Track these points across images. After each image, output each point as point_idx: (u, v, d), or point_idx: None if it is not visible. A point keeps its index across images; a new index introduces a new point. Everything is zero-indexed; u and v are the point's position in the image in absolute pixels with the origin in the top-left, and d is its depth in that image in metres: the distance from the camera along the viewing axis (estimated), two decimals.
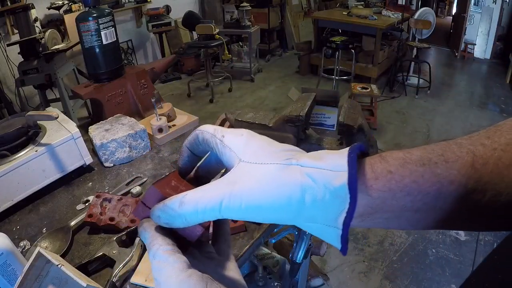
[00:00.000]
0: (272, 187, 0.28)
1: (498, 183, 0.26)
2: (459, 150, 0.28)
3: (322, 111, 1.07)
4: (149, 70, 1.45)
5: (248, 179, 0.29)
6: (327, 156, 0.28)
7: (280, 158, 0.29)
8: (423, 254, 2.14)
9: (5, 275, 0.60)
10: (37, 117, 0.94)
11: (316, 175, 0.27)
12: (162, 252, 0.30)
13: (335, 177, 0.26)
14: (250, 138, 0.33)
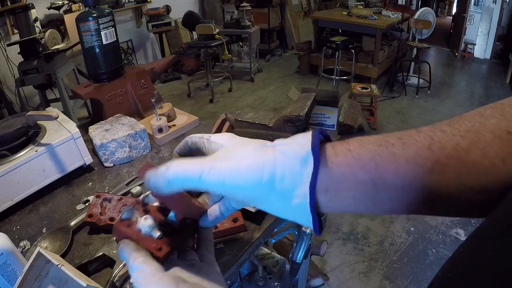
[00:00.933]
0: (248, 163, 0.31)
1: (457, 165, 0.27)
2: (418, 135, 0.29)
3: (322, 111, 1.07)
4: (149, 70, 1.45)
5: (228, 157, 0.33)
6: (296, 136, 0.32)
7: (257, 143, 0.34)
8: (423, 254, 2.14)
9: (5, 275, 0.60)
10: (37, 117, 0.94)
11: (287, 150, 0.31)
12: (136, 263, 0.34)
13: (302, 149, 0.30)
14: (233, 136, 0.37)
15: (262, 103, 4.37)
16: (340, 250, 2.19)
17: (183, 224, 0.42)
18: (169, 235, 0.40)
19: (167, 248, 0.38)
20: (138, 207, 0.43)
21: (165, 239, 0.39)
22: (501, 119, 0.29)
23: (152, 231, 0.40)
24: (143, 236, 0.39)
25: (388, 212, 0.31)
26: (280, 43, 6.17)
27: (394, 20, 4.63)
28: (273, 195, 0.31)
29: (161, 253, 0.37)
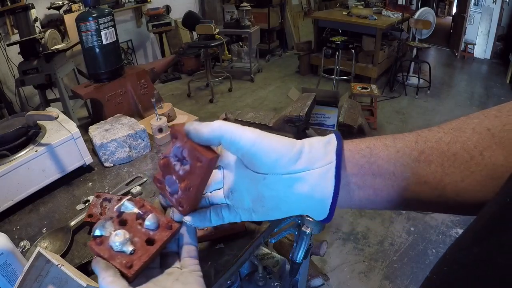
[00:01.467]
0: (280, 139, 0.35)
1: (440, 156, 0.32)
2: (408, 134, 0.35)
3: (322, 111, 1.07)
4: (149, 70, 1.45)
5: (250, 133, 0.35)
6: None
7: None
8: (423, 254, 2.14)
9: (5, 275, 0.60)
10: (37, 117, 0.94)
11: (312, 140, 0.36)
12: (104, 284, 0.36)
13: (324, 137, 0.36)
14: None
15: (262, 103, 4.37)
16: (340, 250, 2.19)
17: (163, 231, 0.41)
18: (144, 246, 0.40)
19: (140, 263, 0.38)
20: (113, 219, 0.42)
21: (139, 252, 0.39)
22: (483, 119, 0.32)
23: (124, 247, 0.39)
24: (114, 253, 0.39)
25: (385, 201, 0.35)
26: (280, 43, 6.17)
27: (394, 20, 4.63)
28: (299, 163, 0.34)
29: (131, 271, 0.37)
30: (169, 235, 0.41)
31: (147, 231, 0.41)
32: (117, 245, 0.39)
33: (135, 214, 0.43)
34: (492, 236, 0.21)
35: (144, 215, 0.42)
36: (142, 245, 0.40)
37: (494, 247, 0.21)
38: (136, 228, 0.41)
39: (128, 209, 0.43)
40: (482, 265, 0.21)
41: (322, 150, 0.34)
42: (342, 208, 0.36)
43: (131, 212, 0.43)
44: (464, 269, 0.22)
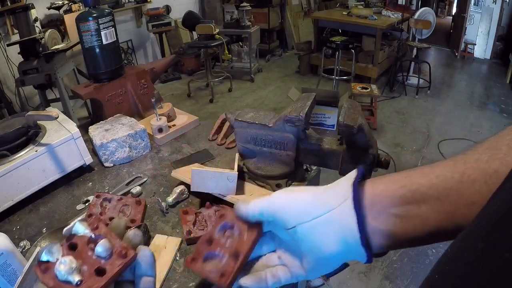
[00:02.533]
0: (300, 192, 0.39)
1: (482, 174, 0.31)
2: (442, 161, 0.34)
3: (322, 111, 1.07)
4: (149, 70, 1.45)
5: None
6: None
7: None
8: (423, 254, 2.14)
9: (5, 275, 0.60)
10: (37, 117, 0.94)
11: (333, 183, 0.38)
12: None
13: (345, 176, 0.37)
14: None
15: (262, 103, 4.37)
16: None
17: (116, 259, 0.37)
18: (93, 277, 0.36)
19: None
20: (62, 243, 0.38)
21: (86, 283, 0.36)
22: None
23: (70, 276, 0.36)
24: (59, 283, 0.36)
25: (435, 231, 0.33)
26: (280, 43, 6.17)
27: (394, 20, 4.63)
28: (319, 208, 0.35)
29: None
30: (122, 265, 0.37)
31: (98, 259, 0.37)
32: (62, 274, 0.35)
33: (87, 238, 0.39)
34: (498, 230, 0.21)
35: (97, 239, 0.39)
36: (91, 275, 0.36)
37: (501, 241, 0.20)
38: (86, 254, 0.38)
39: (80, 232, 0.39)
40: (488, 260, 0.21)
41: (339, 188, 0.35)
42: (393, 249, 0.35)
43: (82, 235, 0.39)
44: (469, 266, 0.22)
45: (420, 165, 0.34)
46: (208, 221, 0.77)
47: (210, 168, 0.83)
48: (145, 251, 0.39)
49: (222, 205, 0.81)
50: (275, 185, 0.85)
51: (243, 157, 0.92)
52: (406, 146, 3.33)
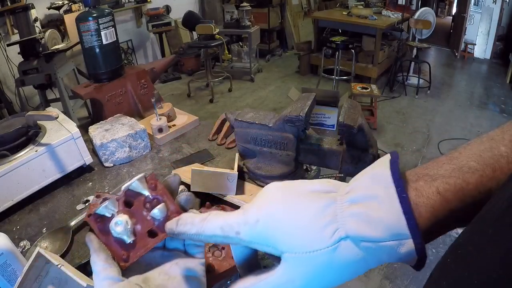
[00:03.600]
0: (333, 274, 0.27)
1: None
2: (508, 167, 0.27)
3: (322, 111, 1.07)
4: (149, 70, 1.45)
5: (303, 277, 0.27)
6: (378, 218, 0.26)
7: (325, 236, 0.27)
8: None
9: (5, 275, 0.60)
10: (37, 117, 0.94)
11: (377, 250, 0.26)
12: (96, 269, 0.34)
13: (399, 246, 0.25)
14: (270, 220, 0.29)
15: (262, 103, 4.37)
16: None
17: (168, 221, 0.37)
18: (145, 238, 0.37)
19: (135, 257, 0.36)
20: (118, 198, 0.38)
21: (138, 244, 0.36)
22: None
23: (124, 236, 0.36)
24: (112, 239, 0.36)
25: None
26: (280, 43, 6.17)
27: (394, 20, 4.63)
28: None
29: (125, 265, 0.35)
30: None
31: (152, 220, 0.37)
32: (117, 233, 0.36)
33: (144, 197, 0.38)
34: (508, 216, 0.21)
35: (153, 201, 0.38)
36: (143, 236, 0.37)
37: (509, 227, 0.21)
38: (141, 213, 0.38)
39: (137, 189, 0.38)
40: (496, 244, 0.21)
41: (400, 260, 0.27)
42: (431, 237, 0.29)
43: (139, 193, 0.38)
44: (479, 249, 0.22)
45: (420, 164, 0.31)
46: None
47: (210, 168, 0.83)
48: None
49: (222, 205, 0.81)
50: None
51: (243, 157, 0.92)
52: (406, 146, 3.33)
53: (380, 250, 0.26)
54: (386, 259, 0.26)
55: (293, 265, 0.27)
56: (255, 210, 0.29)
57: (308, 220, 0.27)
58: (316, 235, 0.27)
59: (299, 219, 0.28)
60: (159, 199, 0.38)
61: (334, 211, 0.27)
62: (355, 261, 0.26)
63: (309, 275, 0.27)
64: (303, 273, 0.27)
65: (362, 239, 0.26)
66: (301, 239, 0.27)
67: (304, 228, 0.27)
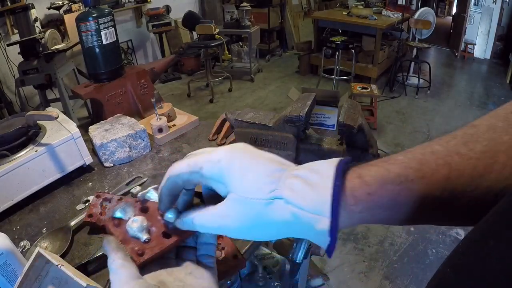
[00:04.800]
0: (261, 225, 0.32)
1: (473, 192, 0.29)
2: (436, 162, 0.30)
3: (322, 111, 1.07)
4: (149, 70, 1.45)
5: (237, 216, 0.33)
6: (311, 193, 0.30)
7: (265, 190, 0.32)
8: (423, 254, 2.14)
9: (5, 275, 0.60)
10: (37, 117, 0.94)
11: (301, 216, 0.30)
12: (114, 266, 0.35)
13: (317, 221, 0.29)
14: (229, 163, 0.34)
15: (262, 103, 4.37)
16: (340, 250, 2.19)
17: None
18: (160, 238, 0.39)
19: (151, 253, 0.37)
20: (135, 205, 0.42)
21: (153, 242, 0.38)
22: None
23: (139, 233, 0.38)
24: (129, 237, 0.38)
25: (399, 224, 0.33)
26: (280, 43, 6.17)
27: (394, 20, 4.63)
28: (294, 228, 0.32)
29: (140, 259, 0.37)
30: (187, 233, 0.40)
31: (166, 224, 0.40)
32: (133, 230, 0.38)
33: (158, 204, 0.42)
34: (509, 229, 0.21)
35: None
36: (158, 236, 0.39)
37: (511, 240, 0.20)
38: (156, 218, 0.40)
39: (152, 198, 0.42)
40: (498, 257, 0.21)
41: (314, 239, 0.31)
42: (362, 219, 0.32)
43: (154, 201, 0.42)
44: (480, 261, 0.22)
45: None
46: None
47: None
48: None
49: None
50: None
51: None
52: (406, 146, 3.33)
53: (302, 220, 0.30)
54: (306, 231, 0.30)
55: (233, 204, 0.33)
56: (219, 152, 0.35)
57: (257, 174, 0.32)
58: (259, 187, 0.32)
59: (251, 170, 0.33)
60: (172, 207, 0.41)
61: (280, 176, 0.32)
62: (281, 221, 0.31)
63: (242, 216, 0.32)
64: (238, 213, 0.32)
65: (290, 202, 0.30)
66: (247, 185, 0.32)
67: (252, 178, 0.32)
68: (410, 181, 0.29)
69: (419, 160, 0.30)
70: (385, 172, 0.30)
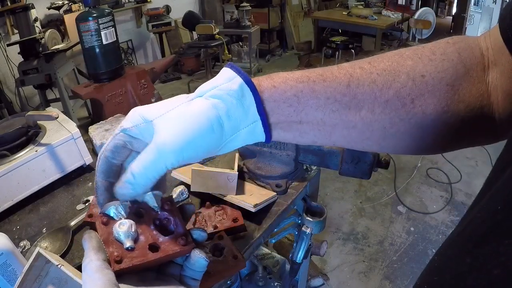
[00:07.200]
0: (190, 121, 0.32)
1: (371, 102, 0.31)
2: (338, 72, 0.33)
3: None
4: (149, 70, 1.45)
5: (168, 128, 0.32)
6: (215, 77, 0.33)
7: (183, 100, 0.34)
8: (423, 254, 2.14)
9: (5, 275, 0.60)
10: (37, 117, 0.94)
11: (217, 92, 0.32)
12: (90, 268, 0.32)
13: (231, 84, 0.32)
14: (145, 107, 0.35)
15: None
16: (340, 250, 2.19)
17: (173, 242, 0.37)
18: (144, 250, 0.35)
19: (128, 264, 0.34)
20: (131, 207, 0.38)
21: (135, 252, 0.35)
22: (418, 62, 0.31)
23: (124, 239, 0.35)
24: (112, 239, 0.35)
25: (311, 141, 0.35)
26: (280, 43, 6.16)
27: (394, 20, 4.63)
28: (226, 135, 0.33)
29: (115, 267, 0.33)
30: (176, 251, 0.36)
31: (157, 235, 0.37)
32: (119, 233, 0.35)
33: (156, 213, 0.39)
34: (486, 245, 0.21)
35: (163, 219, 0.39)
36: (143, 248, 0.36)
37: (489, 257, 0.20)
38: (148, 226, 0.37)
39: (149, 203, 0.39)
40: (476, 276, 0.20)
41: (241, 110, 0.32)
42: None
43: (151, 208, 0.39)
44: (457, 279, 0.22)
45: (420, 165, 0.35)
46: (208, 221, 0.77)
47: (210, 168, 0.83)
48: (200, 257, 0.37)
49: (222, 205, 0.81)
50: (275, 185, 0.85)
51: (243, 157, 0.92)
52: None
53: (220, 92, 0.32)
54: (229, 101, 0.32)
55: (160, 123, 0.32)
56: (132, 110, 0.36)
57: (171, 99, 0.34)
58: (177, 101, 0.33)
59: (164, 101, 0.34)
60: (170, 220, 0.39)
61: (189, 95, 0.34)
62: (205, 107, 0.32)
63: (172, 124, 0.32)
64: (168, 124, 0.32)
65: (206, 91, 0.33)
66: (166, 107, 0.33)
67: (168, 102, 0.34)
68: (312, 81, 0.32)
69: (323, 69, 0.33)
70: (290, 74, 0.33)
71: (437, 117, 0.30)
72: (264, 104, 0.32)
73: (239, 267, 0.57)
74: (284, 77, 0.33)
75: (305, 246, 0.89)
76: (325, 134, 0.33)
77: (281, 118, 0.33)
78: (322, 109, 0.32)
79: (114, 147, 0.35)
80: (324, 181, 2.72)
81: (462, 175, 2.82)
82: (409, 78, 0.30)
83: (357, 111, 0.32)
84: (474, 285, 0.20)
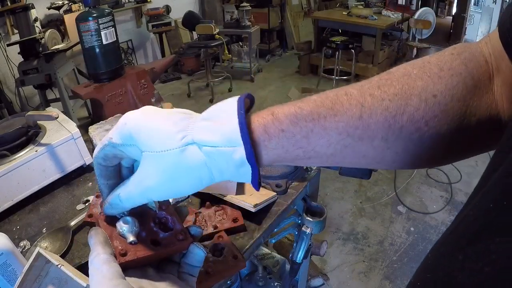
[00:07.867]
0: (181, 175, 0.32)
1: (386, 130, 0.30)
2: (349, 103, 0.31)
3: None
4: (149, 70, 1.45)
5: (156, 173, 0.32)
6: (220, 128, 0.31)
7: (176, 139, 0.32)
8: (423, 254, 2.13)
9: (5, 275, 0.60)
10: (37, 117, 0.94)
11: (216, 154, 0.31)
12: (97, 260, 0.33)
13: (233, 152, 0.30)
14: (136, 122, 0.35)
15: (262, 103, 4.37)
16: (340, 250, 2.19)
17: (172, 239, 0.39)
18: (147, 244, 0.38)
19: (133, 256, 0.36)
20: None
21: (138, 246, 0.37)
22: (428, 81, 0.30)
23: (127, 234, 0.38)
24: (116, 234, 0.38)
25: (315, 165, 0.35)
26: (280, 43, 6.16)
27: (394, 20, 4.63)
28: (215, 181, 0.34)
29: (121, 259, 0.36)
30: (176, 247, 0.39)
31: (157, 231, 0.40)
32: (123, 228, 0.38)
33: (154, 213, 0.42)
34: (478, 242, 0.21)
35: (162, 218, 0.42)
36: (145, 242, 0.38)
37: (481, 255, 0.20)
38: (149, 224, 0.40)
39: (150, 205, 0.41)
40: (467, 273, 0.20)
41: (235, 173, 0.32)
42: None
43: (150, 208, 0.42)
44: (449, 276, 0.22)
45: None
46: (208, 221, 0.77)
47: None
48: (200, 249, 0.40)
49: (222, 205, 0.81)
50: (275, 185, 0.85)
51: None
52: None
53: (218, 155, 0.30)
54: (225, 165, 0.31)
55: (149, 162, 0.32)
56: (123, 118, 0.35)
57: (164, 127, 0.33)
58: (169, 138, 0.32)
59: (158, 124, 0.33)
60: (168, 218, 0.42)
61: (187, 124, 0.33)
62: (199, 164, 0.31)
63: (161, 172, 0.32)
64: (157, 169, 0.32)
65: (204, 144, 0.31)
66: (157, 140, 0.32)
67: (160, 132, 0.32)
68: (323, 118, 0.30)
69: (332, 100, 0.31)
70: (298, 110, 0.31)
71: (450, 137, 0.29)
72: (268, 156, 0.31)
73: (239, 267, 0.57)
74: (293, 116, 0.31)
75: (305, 246, 0.89)
76: (332, 163, 0.33)
77: (288, 159, 0.32)
78: (333, 146, 0.31)
79: (105, 156, 0.36)
80: (324, 181, 2.72)
81: (462, 175, 2.82)
82: (421, 100, 0.29)
83: (370, 142, 0.31)
84: (466, 282, 0.20)
